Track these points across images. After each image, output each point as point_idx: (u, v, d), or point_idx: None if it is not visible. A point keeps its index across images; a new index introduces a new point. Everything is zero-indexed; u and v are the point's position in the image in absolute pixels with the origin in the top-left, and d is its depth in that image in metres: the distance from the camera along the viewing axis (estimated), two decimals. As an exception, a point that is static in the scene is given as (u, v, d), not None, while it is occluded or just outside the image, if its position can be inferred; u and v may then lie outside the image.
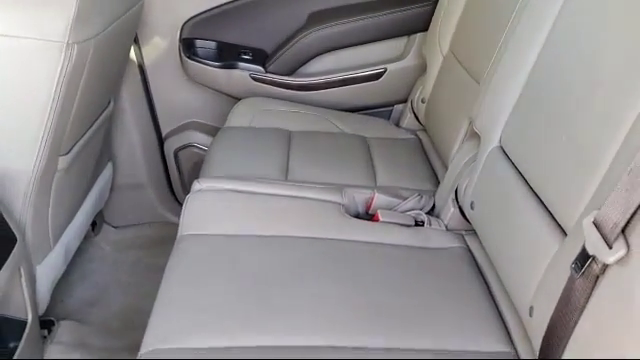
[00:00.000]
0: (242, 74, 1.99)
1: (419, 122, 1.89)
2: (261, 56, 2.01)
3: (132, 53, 1.96)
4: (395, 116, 2.08)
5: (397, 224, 1.36)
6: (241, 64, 1.99)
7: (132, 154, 2.06)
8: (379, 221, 1.37)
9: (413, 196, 1.46)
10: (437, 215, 1.43)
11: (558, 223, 0.96)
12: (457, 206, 1.35)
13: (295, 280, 1.15)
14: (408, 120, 1.95)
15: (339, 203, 1.41)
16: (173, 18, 1.98)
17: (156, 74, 2.05)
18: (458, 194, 1.35)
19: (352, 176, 1.57)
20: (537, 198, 1.04)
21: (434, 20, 1.85)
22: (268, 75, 2.00)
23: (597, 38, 0.98)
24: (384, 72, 2.00)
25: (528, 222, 1.04)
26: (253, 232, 1.29)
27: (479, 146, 1.30)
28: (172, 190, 2.23)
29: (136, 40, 1.97)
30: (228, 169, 1.53)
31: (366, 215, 1.45)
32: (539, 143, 1.07)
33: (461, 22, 1.67)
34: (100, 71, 1.46)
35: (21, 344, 1.36)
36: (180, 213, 1.34)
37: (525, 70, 1.17)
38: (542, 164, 1.04)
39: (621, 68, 0.89)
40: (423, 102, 1.81)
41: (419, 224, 1.38)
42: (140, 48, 1.99)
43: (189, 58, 1.99)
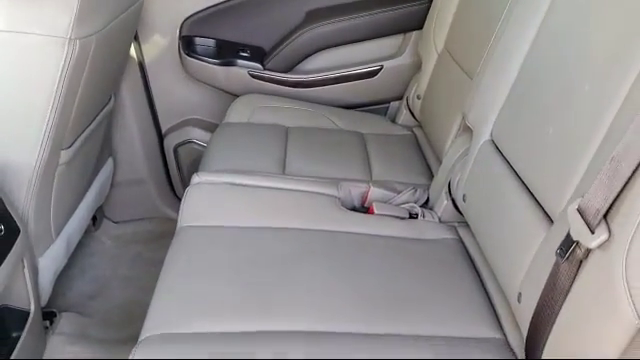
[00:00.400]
0: (240, 71, 2.03)
1: (414, 118, 1.93)
2: (259, 53, 2.05)
3: (132, 50, 1.99)
4: (391, 113, 2.11)
5: (392, 216, 1.39)
6: (239, 61, 2.02)
7: (132, 150, 2.09)
8: (374, 214, 1.40)
9: (407, 189, 1.49)
10: (431, 208, 1.46)
11: (546, 212, 1.00)
12: (450, 199, 1.38)
13: (292, 270, 1.18)
14: (404, 116, 1.98)
15: (335, 196, 1.44)
16: (173, 16, 2.01)
17: (156, 71, 2.08)
18: (451, 187, 1.39)
19: (348, 170, 1.60)
20: (526, 189, 1.07)
21: (429, 18, 1.88)
22: (266, 72, 2.03)
23: (582, 36, 1.01)
24: (380, 69, 2.03)
25: (517, 212, 1.07)
26: (251, 224, 1.32)
27: (471, 140, 1.33)
28: (171, 185, 2.26)
29: (136, 38, 2.00)
30: (227, 163, 1.56)
31: (362, 208, 1.48)
32: (528, 136, 1.10)
33: (455, 20, 1.71)
34: (101, 67, 1.50)
35: (24, 334, 1.39)
36: (179, 208, 1.37)
37: (515, 66, 1.20)
38: (531, 156, 1.08)
39: (604, 65, 0.92)
40: (418, 98, 1.85)
41: (413, 216, 1.41)
42: (140, 45, 2.02)
43: (188, 55, 2.02)
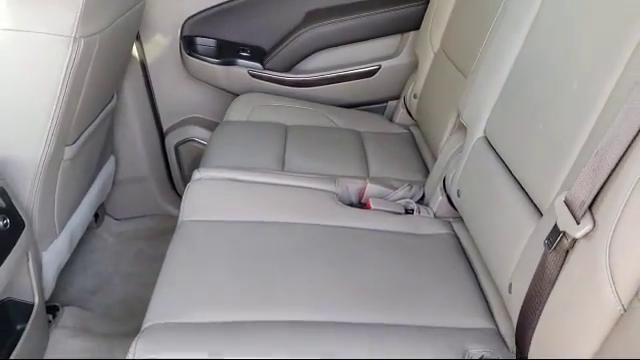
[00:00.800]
0: (241, 71, 2.06)
1: (411, 117, 1.96)
2: (259, 53, 2.08)
3: (134, 50, 2.02)
4: (389, 112, 2.14)
5: (388, 212, 1.42)
6: (240, 61, 2.06)
7: (134, 148, 2.12)
8: (371, 209, 1.43)
9: (403, 186, 1.52)
10: (426, 204, 1.49)
11: (535, 205, 1.03)
12: (445, 194, 1.42)
13: (291, 262, 1.21)
14: (401, 115, 2.02)
15: (333, 192, 1.47)
16: (174, 16, 2.05)
17: (157, 71, 2.11)
18: (446, 183, 1.42)
19: (346, 167, 1.64)
20: (517, 183, 1.10)
21: (426, 19, 1.92)
22: (266, 72, 2.06)
23: (571, 37, 1.05)
24: (378, 69, 2.07)
25: (509, 206, 1.10)
26: (251, 218, 1.35)
27: (465, 137, 1.36)
28: (173, 183, 2.30)
29: (138, 37, 2.04)
30: (227, 160, 1.59)
31: (359, 204, 1.52)
32: (519, 132, 1.13)
33: (451, 20, 1.74)
34: (104, 65, 1.53)
35: (28, 326, 1.42)
36: (180, 206, 1.40)
37: (507, 65, 1.24)
38: (522, 151, 1.11)
39: (591, 64, 0.96)
40: (415, 97, 1.88)
41: (409, 212, 1.45)
42: (142, 45, 2.06)
43: (189, 55, 2.05)
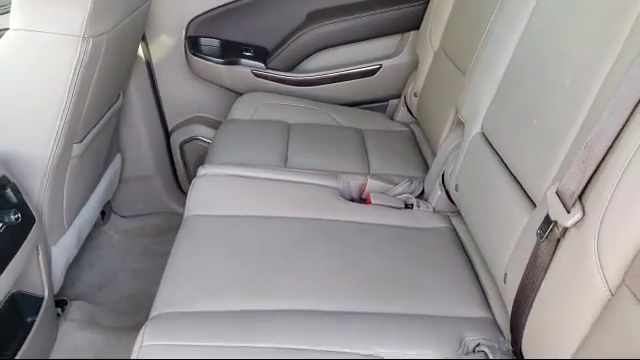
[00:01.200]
0: (244, 70, 2.10)
1: (412, 115, 1.99)
2: (262, 53, 2.12)
3: (140, 50, 2.06)
4: (390, 111, 2.18)
5: (388, 206, 1.46)
6: (243, 60, 2.10)
7: (139, 147, 2.16)
8: (371, 204, 1.47)
9: (404, 181, 1.55)
10: (426, 199, 1.53)
11: (529, 197, 1.06)
12: (444, 189, 1.45)
13: (294, 254, 1.25)
14: (402, 114, 2.05)
15: (334, 188, 1.51)
16: (179, 17, 2.09)
17: (162, 70, 2.15)
18: (445, 178, 1.45)
19: (347, 164, 1.67)
20: (512, 177, 1.14)
21: (425, 18, 1.95)
22: (269, 71, 2.10)
23: (564, 35, 1.08)
24: (379, 68, 2.10)
25: (504, 199, 1.14)
26: (254, 213, 1.39)
27: (463, 133, 1.40)
28: (177, 181, 2.34)
29: (144, 38, 2.08)
30: (231, 157, 1.63)
31: (359, 199, 1.55)
32: (514, 128, 1.17)
33: (450, 20, 1.78)
34: (111, 65, 1.57)
35: (38, 319, 1.46)
36: (186, 201, 1.43)
37: (503, 63, 1.27)
38: (517, 146, 1.15)
39: (582, 61, 1.00)
40: (415, 96, 1.91)
41: (409, 207, 1.48)
42: (148, 45, 2.10)
43: (194, 55, 2.09)
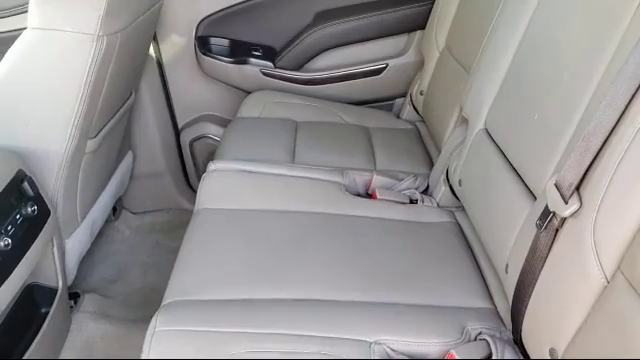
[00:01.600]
0: (253, 69, 2.14)
1: (418, 113, 2.02)
2: (271, 52, 2.16)
3: (151, 50, 2.10)
4: (396, 109, 2.21)
5: (393, 201, 1.49)
6: (252, 60, 2.13)
7: (150, 144, 2.20)
8: (377, 199, 1.50)
9: (409, 177, 1.59)
10: (430, 194, 1.56)
11: (530, 190, 1.10)
12: (448, 185, 1.48)
13: (301, 246, 1.28)
14: (408, 112, 2.08)
15: (341, 183, 1.54)
16: (189, 17, 2.13)
17: (173, 69, 2.19)
18: (449, 174, 1.48)
19: (353, 160, 1.70)
20: (514, 171, 1.17)
21: (431, 18, 1.98)
22: (277, 70, 2.14)
23: (562, 34, 1.12)
24: (385, 67, 2.13)
25: (506, 192, 1.17)
26: (263, 207, 1.42)
27: (467, 130, 1.43)
28: (187, 178, 2.38)
29: (155, 38, 2.12)
30: (240, 153, 1.67)
31: (365, 195, 1.58)
32: (516, 123, 1.20)
33: (455, 20, 1.81)
34: (124, 63, 1.61)
35: (52, 309, 1.50)
36: (195, 200, 1.47)
37: (506, 61, 1.31)
38: (518, 141, 1.18)
39: (580, 57, 1.03)
40: (421, 94, 1.95)
41: (413, 202, 1.51)
42: (159, 45, 2.14)
43: (204, 54, 2.13)
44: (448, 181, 1.49)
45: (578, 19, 1.07)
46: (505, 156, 1.22)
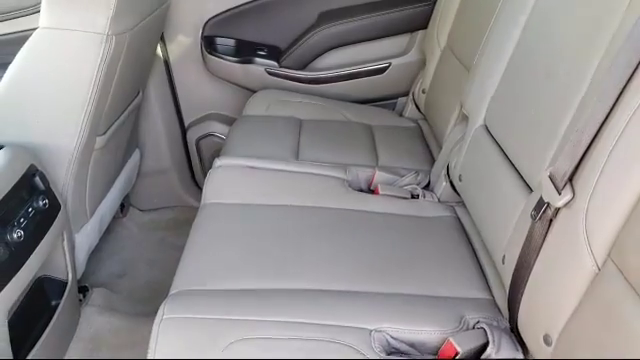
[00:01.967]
0: (258, 69, 2.18)
1: (420, 112, 2.06)
2: (275, 52, 2.20)
3: (158, 49, 2.15)
4: (399, 108, 2.24)
5: (395, 196, 1.52)
6: (257, 59, 2.17)
7: (157, 142, 2.24)
8: (379, 194, 1.53)
9: (410, 173, 1.62)
10: (431, 190, 1.59)
11: (527, 183, 1.13)
12: (448, 180, 1.51)
13: (305, 239, 1.32)
14: (410, 110, 2.11)
15: (344, 179, 1.57)
16: (196, 17, 2.17)
17: (180, 69, 2.24)
18: (449, 169, 1.52)
19: (356, 157, 1.74)
20: (511, 165, 1.20)
21: (433, 18, 2.02)
22: (282, 69, 2.18)
23: (558, 32, 1.15)
24: (388, 67, 2.17)
25: (504, 185, 1.20)
26: (267, 202, 1.46)
27: (467, 126, 1.46)
28: (193, 176, 2.42)
29: (162, 38, 2.16)
30: (245, 150, 1.71)
31: (368, 190, 1.61)
32: (514, 119, 1.23)
33: (456, 19, 1.84)
34: (132, 62, 1.65)
35: (62, 302, 1.54)
36: (200, 198, 1.50)
37: (505, 59, 1.34)
38: (516, 136, 1.21)
39: (575, 53, 1.06)
40: (423, 92, 1.98)
41: (415, 197, 1.54)
42: (166, 45, 2.18)
43: (210, 54, 2.17)
44: (449, 177, 1.52)
45: (572, 18, 1.10)
46: (503, 151, 1.25)
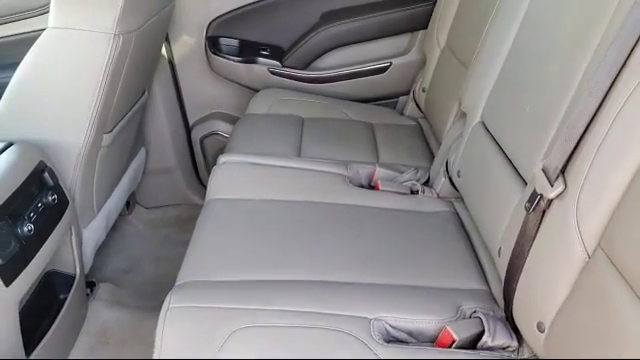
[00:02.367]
0: (261, 68, 2.22)
1: (420, 110, 2.09)
2: (278, 52, 2.24)
3: (163, 49, 2.18)
4: (400, 107, 2.28)
5: (395, 192, 1.56)
6: (260, 59, 2.22)
7: (162, 141, 2.28)
8: (379, 190, 1.57)
9: (410, 170, 1.65)
10: (431, 185, 1.62)
11: (522, 177, 1.16)
12: (447, 176, 1.55)
13: (306, 233, 1.35)
14: (410, 109, 2.15)
15: (345, 175, 1.61)
16: (200, 18, 2.21)
17: (184, 69, 2.28)
18: (448, 165, 1.55)
19: (357, 154, 1.77)
20: (508, 160, 1.24)
21: (433, 18, 2.05)
22: (285, 69, 2.22)
23: (554, 28, 1.19)
24: (389, 66, 2.21)
25: (500, 180, 1.23)
26: (270, 197, 1.49)
27: (465, 123, 1.50)
28: (197, 174, 2.46)
29: (167, 38, 2.20)
30: (248, 147, 1.74)
31: (368, 186, 1.64)
32: (510, 115, 1.27)
33: (455, 19, 1.88)
34: (138, 61, 1.69)
35: (70, 296, 1.58)
36: (204, 195, 1.54)
37: (501, 57, 1.38)
38: (511, 131, 1.24)
39: (568, 50, 1.10)
40: (423, 91, 2.01)
41: (414, 193, 1.58)
42: (170, 45, 2.22)
43: (214, 54, 2.21)
44: (447, 173, 1.55)
45: (564, 19, 1.14)
46: (499, 146, 1.28)
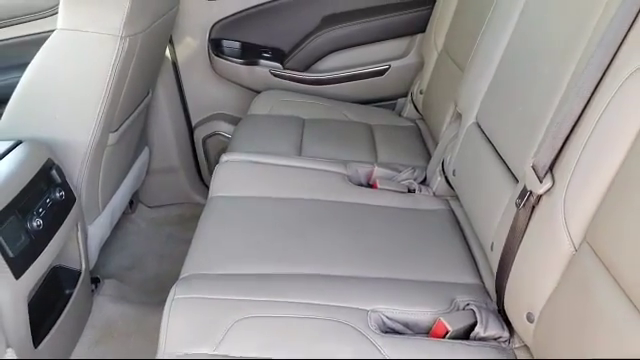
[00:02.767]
0: (263, 70, 2.27)
1: (418, 112, 2.13)
2: (279, 54, 2.28)
3: (167, 52, 2.23)
4: (398, 109, 2.32)
5: (392, 191, 1.60)
6: (262, 61, 2.26)
7: (165, 141, 2.33)
8: (377, 188, 1.61)
9: (408, 169, 1.69)
10: (427, 184, 1.67)
11: (514, 175, 1.20)
12: (443, 175, 1.59)
13: (306, 229, 1.39)
14: (408, 110, 2.19)
15: (344, 174, 1.65)
16: (203, 21, 2.26)
17: (187, 70, 2.32)
18: (444, 165, 1.59)
19: (356, 154, 1.81)
20: (500, 158, 1.28)
21: (430, 22, 2.10)
22: (286, 71, 2.27)
23: (546, 30, 1.23)
24: (388, 69, 2.25)
25: (493, 178, 1.28)
26: (271, 195, 1.54)
27: (460, 124, 1.54)
28: (200, 174, 2.50)
29: (170, 40, 2.24)
30: (250, 147, 1.79)
31: (367, 185, 1.69)
32: (503, 115, 1.31)
33: (452, 23, 1.92)
34: (144, 63, 1.74)
35: (75, 291, 1.62)
36: (207, 195, 1.58)
37: (495, 60, 1.42)
38: (504, 131, 1.29)
39: (559, 51, 1.14)
40: (421, 93, 2.06)
41: (411, 191, 1.62)
42: (174, 47, 2.26)
43: (216, 56, 2.26)
44: (443, 172, 1.59)
45: (554, 24, 1.19)
46: (493, 146, 1.33)
